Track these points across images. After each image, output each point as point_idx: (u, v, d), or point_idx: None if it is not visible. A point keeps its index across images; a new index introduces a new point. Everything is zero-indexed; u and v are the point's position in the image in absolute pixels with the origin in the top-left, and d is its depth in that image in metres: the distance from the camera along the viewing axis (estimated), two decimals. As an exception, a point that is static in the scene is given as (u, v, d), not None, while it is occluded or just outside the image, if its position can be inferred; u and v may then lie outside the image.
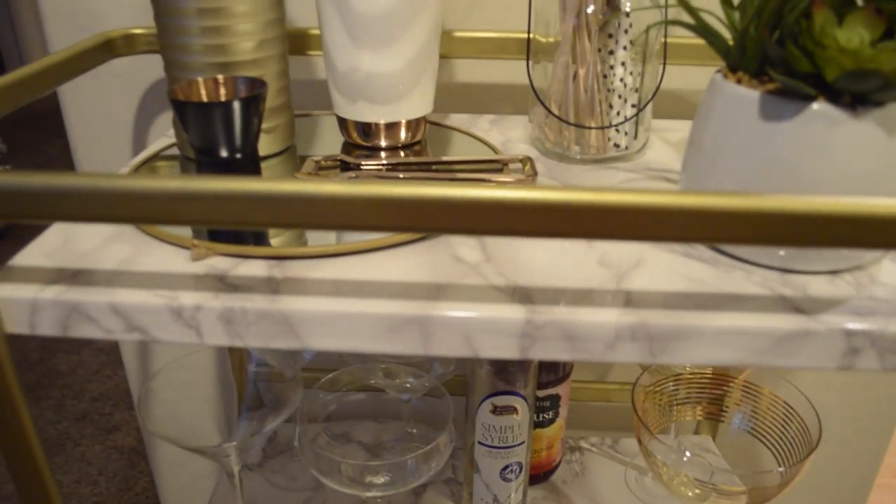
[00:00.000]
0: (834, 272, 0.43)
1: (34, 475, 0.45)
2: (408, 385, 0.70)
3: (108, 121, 0.77)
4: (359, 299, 0.40)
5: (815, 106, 0.38)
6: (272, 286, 0.41)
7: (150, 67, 0.74)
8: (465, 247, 0.45)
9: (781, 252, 0.43)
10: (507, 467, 0.67)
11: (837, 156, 0.39)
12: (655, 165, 0.59)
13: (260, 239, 0.45)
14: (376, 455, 0.66)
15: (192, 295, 0.40)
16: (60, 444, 1.68)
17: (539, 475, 0.78)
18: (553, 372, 0.72)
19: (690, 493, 0.57)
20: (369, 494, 0.60)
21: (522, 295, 0.40)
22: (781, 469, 0.53)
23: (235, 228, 0.46)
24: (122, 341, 0.89)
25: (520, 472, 0.68)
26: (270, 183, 0.34)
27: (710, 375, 0.64)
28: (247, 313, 0.40)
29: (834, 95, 0.38)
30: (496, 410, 0.64)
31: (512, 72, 0.72)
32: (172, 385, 0.65)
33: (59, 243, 0.46)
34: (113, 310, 0.40)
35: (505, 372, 0.63)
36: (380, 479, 0.61)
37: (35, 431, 0.44)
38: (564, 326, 0.39)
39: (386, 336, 0.40)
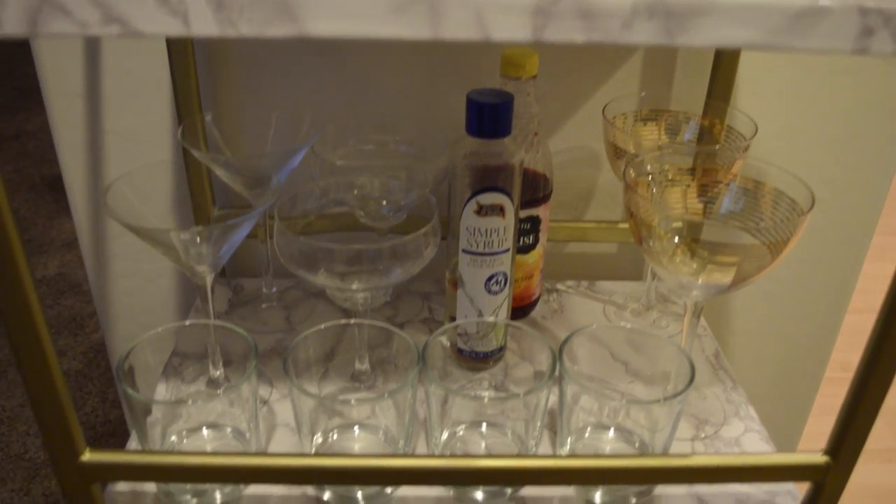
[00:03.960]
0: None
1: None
2: (384, 203, 0.68)
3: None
4: (361, -21, 0.37)
5: None
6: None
7: None
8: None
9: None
10: (492, 277, 0.65)
11: None
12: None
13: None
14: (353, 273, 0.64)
15: (177, -20, 0.37)
16: (1, 370, 1.61)
17: (518, 309, 0.77)
18: (533, 191, 0.71)
19: (686, 269, 0.56)
20: (354, 287, 0.58)
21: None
22: (767, 225, 0.52)
23: None
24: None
25: (505, 284, 0.66)
26: None
27: (697, 173, 0.63)
28: (240, -7, 0.37)
29: None
30: (481, 211, 0.62)
31: None
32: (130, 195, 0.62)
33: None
34: (90, -3, 0.37)
35: (488, 170, 0.61)
36: (363, 279, 0.58)
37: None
38: (580, 1, 0.37)
39: (392, 17, 0.37)
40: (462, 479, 0.52)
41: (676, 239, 0.57)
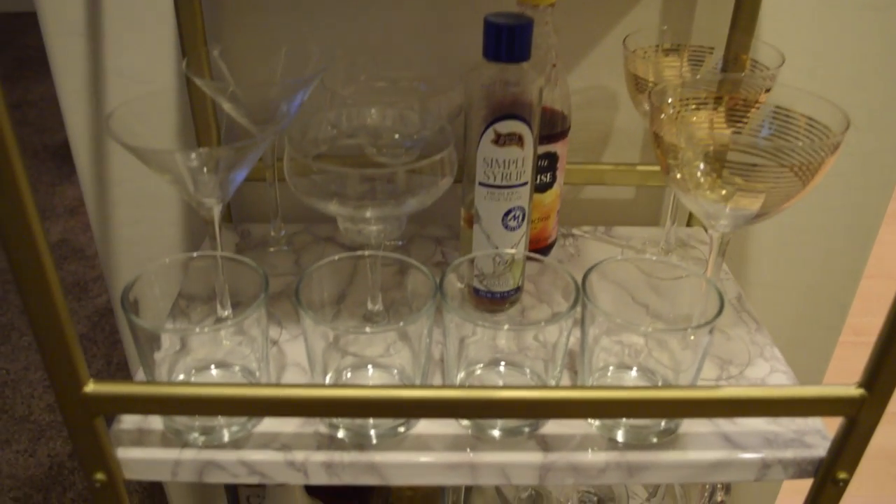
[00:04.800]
0: None
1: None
2: (396, 136, 0.65)
3: None
4: None
5: None
6: None
7: None
8: None
9: None
10: (509, 212, 0.63)
11: None
12: None
13: None
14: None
15: None
16: (5, 334, 1.59)
17: (534, 252, 0.74)
18: (551, 127, 0.68)
19: (714, 196, 0.54)
20: (367, 215, 0.56)
21: None
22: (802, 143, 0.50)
23: None
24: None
25: (522, 220, 0.64)
26: None
27: (723, 101, 0.60)
28: None
29: None
30: (499, 140, 0.59)
31: None
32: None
33: None
34: None
35: (506, 96, 0.59)
36: (377, 207, 0.56)
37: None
38: None
39: None
40: (481, 410, 0.50)
41: (702, 165, 0.55)
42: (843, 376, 0.53)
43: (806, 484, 0.57)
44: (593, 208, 0.85)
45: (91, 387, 0.49)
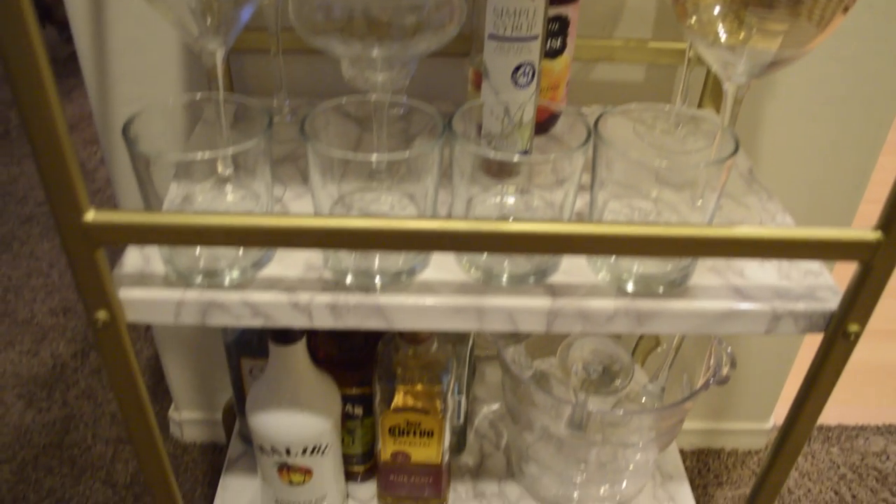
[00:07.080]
0: None
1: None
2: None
3: None
4: None
5: None
6: None
7: None
8: None
9: None
10: (519, 68, 0.61)
11: None
12: None
13: None
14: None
15: None
16: (6, 244, 1.58)
17: (542, 124, 0.73)
18: (563, -12, 0.67)
19: (732, 40, 0.52)
20: (374, 54, 0.54)
21: None
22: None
23: None
24: None
25: (532, 77, 0.62)
26: None
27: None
28: None
29: None
30: (511, -14, 0.58)
31: None
32: None
33: None
34: None
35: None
36: (384, 46, 0.55)
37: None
38: None
39: None
40: (489, 243, 0.49)
41: (719, 8, 0.53)
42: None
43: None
44: (603, 89, 0.83)
45: (92, 215, 0.48)
